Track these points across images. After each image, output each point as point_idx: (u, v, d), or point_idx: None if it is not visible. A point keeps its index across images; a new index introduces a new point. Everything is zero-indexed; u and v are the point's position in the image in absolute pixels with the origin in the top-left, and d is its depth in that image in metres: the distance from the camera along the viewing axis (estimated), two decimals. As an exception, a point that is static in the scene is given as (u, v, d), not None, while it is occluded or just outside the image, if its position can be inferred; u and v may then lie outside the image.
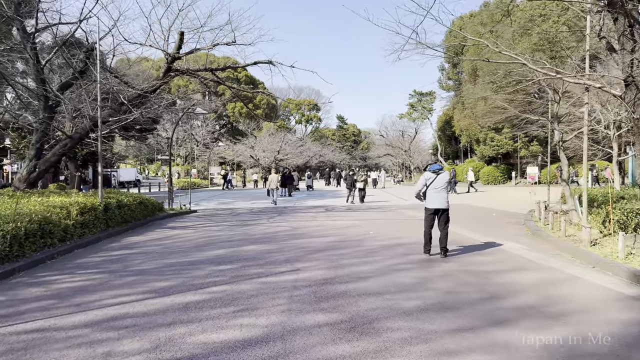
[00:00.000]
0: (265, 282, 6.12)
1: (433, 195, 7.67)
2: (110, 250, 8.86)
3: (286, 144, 62.12)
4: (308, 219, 14.10)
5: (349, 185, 19.23)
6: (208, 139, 63.11)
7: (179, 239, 10.12)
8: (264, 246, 8.98)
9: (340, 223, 12.81)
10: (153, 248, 9.00)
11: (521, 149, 35.06)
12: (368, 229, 11.34)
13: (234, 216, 15.64)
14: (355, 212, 16.25)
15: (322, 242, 9.43)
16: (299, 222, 13.14)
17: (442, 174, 7.71)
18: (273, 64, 13.90)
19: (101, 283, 6.19)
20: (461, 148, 58.97)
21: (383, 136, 59.67)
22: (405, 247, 8.78)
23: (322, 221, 13.35)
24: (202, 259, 7.70)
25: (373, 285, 5.86)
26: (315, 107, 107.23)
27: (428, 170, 7.79)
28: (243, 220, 14.08)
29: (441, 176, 7.68)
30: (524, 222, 12.55)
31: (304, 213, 16.53)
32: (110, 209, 10.93)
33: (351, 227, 11.90)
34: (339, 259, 7.61)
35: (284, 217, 15.10)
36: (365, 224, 12.49)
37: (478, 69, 36.18)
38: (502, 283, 6.02)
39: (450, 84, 47.90)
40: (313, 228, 11.69)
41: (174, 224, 13.19)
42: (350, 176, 19.40)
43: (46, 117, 12.55)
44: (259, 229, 11.73)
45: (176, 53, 12.50)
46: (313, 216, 15.11)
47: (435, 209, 7.68)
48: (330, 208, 18.54)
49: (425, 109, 65.78)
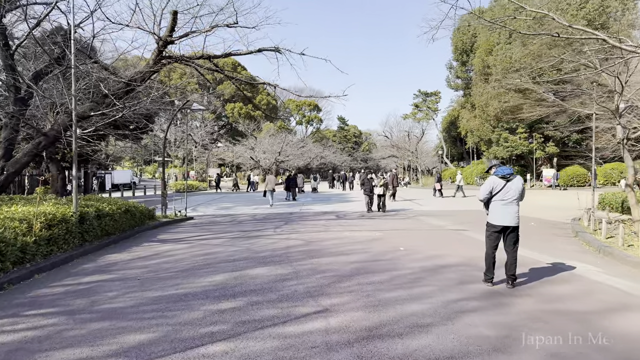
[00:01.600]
0: (284, 334, 4.29)
1: (500, 208, 5.82)
2: (80, 274, 7.02)
3: (287, 145, 60.39)
4: (320, 229, 12.26)
5: (368, 190, 16.41)
6: (207, 140, 61.34)
7: (169, 258, 8.28)
8: (275, 269, 7.15)
9: (359, 235, 10.98)
10: (135, 272, 7.16)
11: (537, 150, 33.28)
12: (395, 243, 9.52)
13: (234, 225, 13.81)
14: (372, 221, 14.42)
15: (347, 262, 7.59)
16: (312, 234, 11.30)
17: (513, 179, 5.83)
18: (280, 51, 12.10)
19: (50, 335, 4.35)
20: (467, 149, 57.19)
21: (387, 137, 57.81)
22: (453, 270, 6.95)
23: (338, 232, 11.52)
24: (195, 291, 5.87)
25: (441, 342, 4.04)
26: (316, 108, 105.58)
27: (494, 175, 5.92)
28: (245, 230, 12.25)
29: (513, 183, 5.80)
30: (575, 234, 10.73)
31: (314, 221, 14.71)
32: (87, 219, 9.10)
33: (374, 240, 10.07)
34: (375, 290, 5.79)
35: (291, 226, 13.27)
36: (388, 236, 10.67)
37: (491, 66, 34.39)
38: (621, 334, 4.21)
39: (458, 83, 46.12)
40: (330, 242, 9.86)
41: (166, 236, 11.34)
42: (368, 180, 16.39)
43: (16, 110, 10.73)
44: (265, 242, 9.90)
45: (168, 36, 10.71)
46: (325, 225, 13.28)
47: (503, 226, 5.84)
48: (342, 215, 16.72)
49: (430, 109, 64.08)
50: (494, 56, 34.43)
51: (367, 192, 16.53)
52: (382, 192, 16.37)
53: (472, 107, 43.02)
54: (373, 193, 16.47)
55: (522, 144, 33.30)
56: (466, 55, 43.81)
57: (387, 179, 16.48)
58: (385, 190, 16.46)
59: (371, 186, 16.35)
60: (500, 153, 35.16)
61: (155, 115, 29.66)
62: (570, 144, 33.56)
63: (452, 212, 17.16)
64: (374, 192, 16.48)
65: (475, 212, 16.79)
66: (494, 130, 36.28)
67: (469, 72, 44.54)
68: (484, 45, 38.18)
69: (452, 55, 47.14)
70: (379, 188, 16.35)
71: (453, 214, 16.17)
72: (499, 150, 35.00)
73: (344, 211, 18.17)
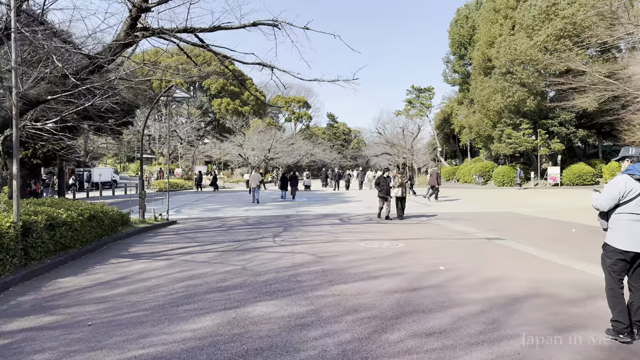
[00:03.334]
0: None
1: (630, 225, 3.88)
2: (7, 315, 4.93)
3: (277, 142, 58.32)
4: (328, 238, 10.27)
5: (384, 192, 13.46)
6: (193, 136, 58.91)
7: (139, 285, 6.22)
8: (286, 305, 5.14)
9: (378, 247, 9.03)
10: (88, 309, 5.10)
11: (541, 147, 31.74)
12: (429, 259, 7.59)
13: (225, 232, 11.75)
14: (384, 226, 12.50)
15: (381, 293, 5.61)
16: (320, 245, 9.31)
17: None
18: (278, 26, 10.06)
19: None
20: (462, 147, 55.73)
21: (381, 133, 55.97)
22: (530, 305, 5.01)
23: (351, 243, 9.54)
24: (170, 353, 3.84)
25: None
26: (306, 105, 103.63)
27: (626, 173, 3.94)
28: (238, 240, 10.21)
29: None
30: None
31: (317, 226, 12.71)
32: (33, 231, 6.98)
33: (400, 254, 8.13)
34: (444, 349, 3.83)
35: (292, 232, 11.26)
36: (415, 249, 8.74)
37: (494, 58, 32.74)
38: None
39: (455, 78, 44.48)
40: (346, 257, 7.88)
41: (141, 248, 9.24)
42: (384, 180, 13.41)
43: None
44: (265, 258, 7.88)
45: (143, 2, 8.63)
46: (332, 232, 11.29)
47: (635, 253, 3.89)
48: (346, 218, 14.77)
49: (423, 105, 62.50)
50: (496, 48, 32.78)
51: (383, 195, 13.59)
52: (401, 194, 13.58)
53: (470, 103, 41.44)
54: (389, 196, 13.60)
55: (527, 140, 31.74)
56: (464, 48, 42.21)
57: (403, 178, 13.94)
58: (404, 191, 13.73)
59: (387, 187, 13.53)
60: (502, 150, 33.58)
61: (136, 108, 27.30)
62: (575, 141, 32.08)
63: (467, 214, 15.32)
64: (391, 195, 13.66)
65: (492, 215, 14.99)
66: (495, 126, 34.67)
67: (467, 66, 42.93)
68: (484, 37, 36.52)
69: (449, 49, 45.53)
70: (397, 189, 13.56)
71: (471, 217, 14.32)
72: (501, 147, 33.41)
73: (347, 214, 16.22)
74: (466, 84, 42.84)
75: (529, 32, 30.14)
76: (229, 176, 59.85)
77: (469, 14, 41.97)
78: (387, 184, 13.68)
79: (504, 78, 31.97)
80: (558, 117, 31.43)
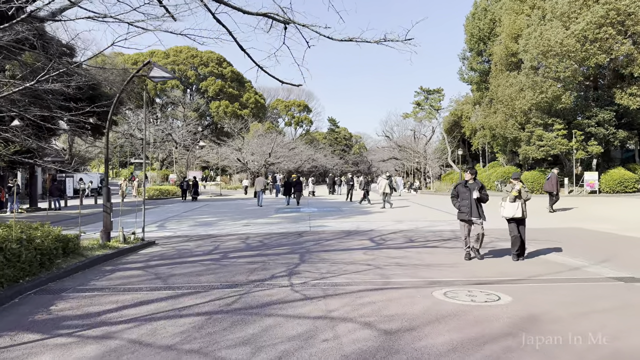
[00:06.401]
0: None
1: None
2: None
3: (277, 146, 54.89)
4: (374, 278, 6.68)
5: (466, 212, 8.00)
6: (189, 140, 55.39)
7: None
8: None
9: (469, 303, 5.44)
10: None
11: (577, 150, 28.24)
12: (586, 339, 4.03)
13: (216, 263, 8.16)
14: (446, 256, 8.94)
15: None
16: (367, 295, 5.71)
17: None
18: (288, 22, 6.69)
19: None
20: (474, 151, 52.30)
21: (389, 137, 52.44)
22: None
23: (417, 291, 5.94)
24: None
25: None
26: (306, 109, 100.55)
27: None
28: (236, 282, 6.63)
29: None
30: None
31: (345, 252, 9.12)
32: None
33: (522, 324, 4.56)
34: None
35: (315, 266, 7.67)
36: (536, 308, 5.16)
37: (521, 52, 29.33)
38: None
39: (472, 76, 41.05)
40: (435, 339, 4.31)
41: (71, 304, 5.61)
42: (465, 188, 8.08)
43: None
44: (287, 335, 4.29)
45: None
46: (374, 266, 7.68)
47: None
48: (378, 238, 11.18)
49: (432, 107, 59.16)
50: (524, 40, 29.37)
51: (465, 216, 8.02)
52: (521, 213, 7.88)
53: (489, 102, 37.99)
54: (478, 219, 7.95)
55: (561, 142, 28.24)
56: (483, 43, 38.80)
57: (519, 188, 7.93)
58: (524, 208, 7.93)
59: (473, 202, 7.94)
60: (532, 153, 30.05)
61: (120, 104, 23.75)
62: (616, 143, 28.62)
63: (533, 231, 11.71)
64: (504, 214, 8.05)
65: (564, 233, 11.42)
66: (523, 127, 31.18)
67: (485, 63, 39.51)
68: (508, 30, 33.16)
69: (464, 46, 42.15)
70: (511, 206, 7.88)
71: (544, 237, 10.71)
72: (531, 150, 29.89)
73: (375, 230, 12.66)
74: (484, 82, 39.40)
75: (564, 21, 26.74)
76: (226, 182, 56.26)
77: (488, 7, 38.62)
78: (471, 196, 7.97)
79: (534, 73, 28.55)
80: (595, 116, 27.99)
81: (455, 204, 8.31)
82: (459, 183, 8.52)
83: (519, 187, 7.90)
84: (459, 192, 8.27)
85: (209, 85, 70.96)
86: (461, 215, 8.16)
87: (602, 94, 28.95)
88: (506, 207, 7.98)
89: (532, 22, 29.57)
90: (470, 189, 8.03)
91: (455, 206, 8.31)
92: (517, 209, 7.87)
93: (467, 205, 8.01)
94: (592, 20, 25.40)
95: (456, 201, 8.28)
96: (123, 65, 49.86)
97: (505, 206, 7.99)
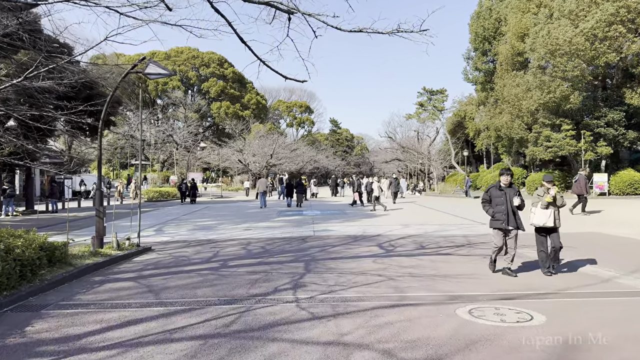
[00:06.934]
0: None
1: None
2: None
3: (279, 147, 54.31)
4: (388, 293, 6.07)
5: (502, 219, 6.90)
6: (190, 142, 54.88)
7: None
8: None
9: (499, 324, 4.83)
10: None
11: (586, 151, 27.57)
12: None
13: (215, 272, 7.56)
14: (463, 262, 8.33)
15: None
16: (383, 315, 5.10)
17: None
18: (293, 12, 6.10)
19: None
20: (477, 152, 51.63)
21: (391, 138, 51.78)
22: None
23: (438, 309, 5.32)
24: None
25: None
26: (308, 110, 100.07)
27: None
28: (235, 297, 6.03)
29: None
30: None
31: (353, 260, 8.51)
32: None
33: (567, 353, 3.95)
34: None
35: (321, 276, 7.07)
36: (572, 329, 4.56)
37: (528, 51, 28.71)
38: None
39: (477, 76, 40.41)
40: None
41: (49, 325, 5.00)
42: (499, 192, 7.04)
43: None
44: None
45: None
46: (386, 277, 7.07)
47: None
48: (387, 244, 10.57)
49: (436, 108, 58.52)
50: (531, 39, 28.75)
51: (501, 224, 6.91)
52: (553, 222, 6.92)
53: (494, 103, 37.34)
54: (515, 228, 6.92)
55: (570, 143, 27.57)
56: (488, 43, 38.18)
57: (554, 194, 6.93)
58: (557, 216, 6.97)
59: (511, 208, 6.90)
60: (539, 154, 29.39)
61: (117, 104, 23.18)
62: (626, 144, 27.93)
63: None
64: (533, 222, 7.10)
65: (584, 238, 10.77)
66: (530, 128, 30.54)
67: (490, 63, 38.88)
68: (514, 29, 32.57)
69: (469, 45, 41.51)
70: (543, 213, 6.92)
71: (567, 243, 10.07)
72: (538, 151, 29.22)
73: (382, 235, 12.05)
74: (489, 82, 38.77)
75: (572, 19, 26.11)
76: (227, 184, 55.70)
77: (493, 6, 38.01)
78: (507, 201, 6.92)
79: (542, 72, 27.92)
80: (605, 116, 27.32)
81: (487, 210, 7.18)
82: (491, 186, 7.34)
83: (554, 192, 6.86)
84: (492, 196, 7.15)
85: (211, 86, 70.47)
86: (495, 224, 7.03)
87: (611, 94, 28.29)
88: (537, 213, 6.99)
89: (538, 21, 28.94)
90: (507, 194, 6.98)
91: (487, 212, 7.19)
92: (550, 217, 6.88)
93: (504, 212, 6.91)
94: (601, 18, 24.76)
95: (489, 207, 7.16)
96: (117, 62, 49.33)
97: (536, 212, 7.01)
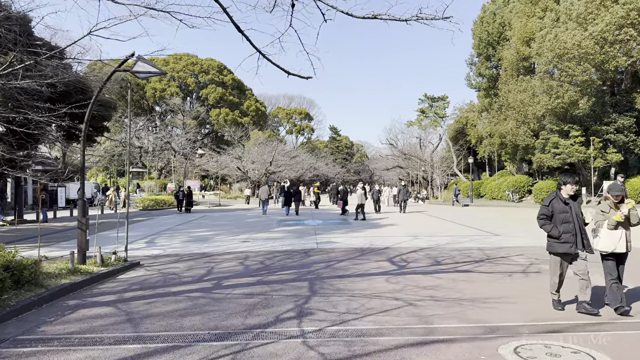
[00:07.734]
0: None
1: None
2: None
3: (279, 155, 53.47)
4: (411, 324, 5.12)
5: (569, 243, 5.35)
6: (188, 149, 54.04)
7: None
8: None
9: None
10: None
11: (595, 158, 26.73)
12: None
13: (206, 296, 6.61)
14: (494, 283, 7.39)
15: None
16: (410, 357, 4.19)
17: None
18: None
19: None
20: (479, 160, 50.78)
21: (393, 144, 51.00)
22: None
23: (472, 346, 4.42)
24: None
25: None
26: (308, 117, 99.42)
27: None
28: (229, 329, 5.09)
29: None
30: None
31: (363, 279, 7.56)
32: None
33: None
34: None
35: (328, 301, 6.13)
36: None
37: (534, 56, 28.01)
38: None
39: (481, 82, 39.69)
40: None
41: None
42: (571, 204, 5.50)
43: None
44: None
45: None
46: (403, 301, 6.13)
47: None
48: (398, 259, 9.63)
49: (437, 115, 57.84)
50: (537, 43, 28.03)
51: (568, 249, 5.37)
52: (625, 247, 5.35)
53: (499, 109, 36.56)
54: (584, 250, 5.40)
55: (579, 150, 26.73)
56: (492, 48, 37.50)
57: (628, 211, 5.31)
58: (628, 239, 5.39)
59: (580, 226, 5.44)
60: (547, 162, 28.53)
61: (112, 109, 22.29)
62: (636, 151, 27.08)
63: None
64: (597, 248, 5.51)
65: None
66: (536, 134, 29.73)
67: (494, 69, 38.18)
68: (519, 33, 31.88)
69: (472, 51, 40.85)
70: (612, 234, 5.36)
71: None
72: (546, 159, 28.36)
73: (392, 248, 11.12)
74: (493, 88, 38.05)
75: (580, 22, 25.39)
76: (226, 191, 54.76)
77: (496, 10, 37.39)
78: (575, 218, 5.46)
79: (550, 77, 27.16)
80: (615, 122, 26.51)
81: (547, 228, 5.54)
82: (552, 198, 5.63)
83: (626, 211, 5.27)
84: (555, 210, 5.50)
85: (209, 93, 69.80)
86: (563, 247, 5.40)
87: (621, 99, 27.54)
88: (602, 236, 5.42)
89: (545, 25, 28.24)
90: (572, 208, 5.48)
91: (548, 231, 5.55)
92: (620, 240, 5.31)
93: (572, 232, 5.37)
94: (612, 21, 24.06)
95: (549, 225, 5.53)
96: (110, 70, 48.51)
97: (601, 235, 5.43)
